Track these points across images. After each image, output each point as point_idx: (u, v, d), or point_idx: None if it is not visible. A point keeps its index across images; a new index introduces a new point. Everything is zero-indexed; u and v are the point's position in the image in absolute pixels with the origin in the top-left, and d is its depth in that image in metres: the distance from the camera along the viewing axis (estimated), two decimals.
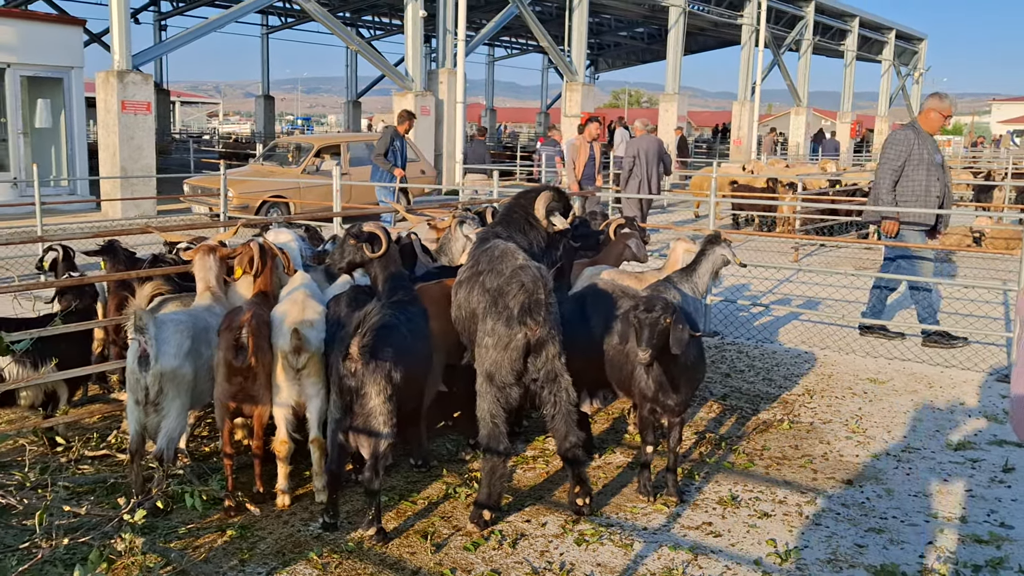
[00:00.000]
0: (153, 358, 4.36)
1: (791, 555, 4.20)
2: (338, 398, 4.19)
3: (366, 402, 4.14)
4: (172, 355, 4.45)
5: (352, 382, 4.12)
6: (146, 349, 4.35)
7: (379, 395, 4.12)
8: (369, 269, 5.02)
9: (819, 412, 6.35)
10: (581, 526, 4.50)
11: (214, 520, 4.50)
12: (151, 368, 4.37)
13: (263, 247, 5.09)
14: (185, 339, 4.54)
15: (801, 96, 39.64)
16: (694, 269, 6.18)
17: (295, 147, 18.45)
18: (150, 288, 5.14)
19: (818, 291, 10.79)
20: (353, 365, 4.09)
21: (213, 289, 5.09)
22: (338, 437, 4.24)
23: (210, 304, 4.98)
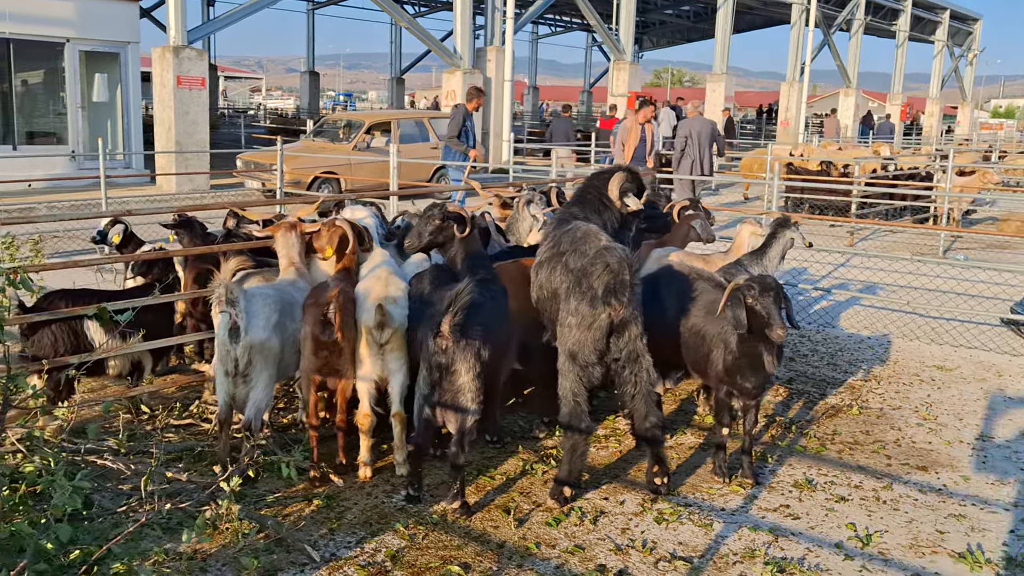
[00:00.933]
0: (243, 330, 4.47)
1: (871, 539, 4.22)
2: (427, 374, 4.28)
3: (456, 379, 4.21)
4: (261, 327, 4.56)
5: (443, 359, 4.20)
6: (237, 322, 4.46)
7: (468, 372, 4.20)
8: (448, 248, 5.09)
9: (887, 398, 6.33)
10: (659, 505, 4.55)
11: (299, 490, 4.62)
12: (241, 340, 4.49)
13: (353, 226, 5.17)
14: (273, 312, 4.65)
15: (851, 77, 38.97)
16: (764, 252, 6.19)
17: (346, 123, 18.58)
18: (235, 263, 5.26)
19: (876, 276, 10.69)
20: (444, 342, 4.16)
21: (297, 265, 5.20)
22: (424, 412, 4.33)
23: (295, 279, 5.09)
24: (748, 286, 4.38)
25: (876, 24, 40.98)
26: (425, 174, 17.56)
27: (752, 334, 4.40)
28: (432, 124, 18.77)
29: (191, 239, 6.24)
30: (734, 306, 4.44)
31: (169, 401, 5.80)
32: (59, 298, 5.13)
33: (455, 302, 4.06)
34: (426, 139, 18.34)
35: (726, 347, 4.63)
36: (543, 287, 4.70)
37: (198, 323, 6.10)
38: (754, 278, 4.46)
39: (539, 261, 4.79)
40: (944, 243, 12.99)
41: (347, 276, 5.05)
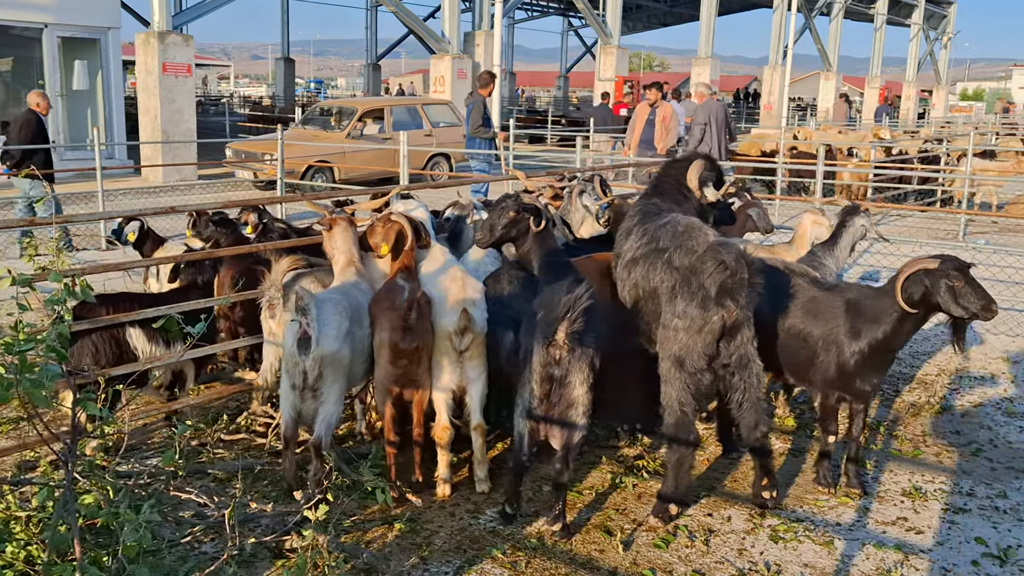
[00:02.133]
0: (315, 341, 4.05)
1: (1008, 555, 3.91)
2: (536, 387, 3.89)
3: (569, 392, 3.85)
4: (333, 337, 4.15)
5: (556, 370, 3.82)
6: (307, 331, 4.04)
7: (583, 384, 3.84)
8: (522, 244, 4.69)
9: (964, 394, 6.04)
10: (769, 520, 4.21)
11: (375, 511, 4.22)
12: (312, 351, 4.07)
13: (410, 221, 4.75)
14: (344, 320, 4.23)
15: (832, 61, 38.89)
16: (835, 242, 5.87)
17: (337, 111, 18.03)
18: (287, 263, 4.82)
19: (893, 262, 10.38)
20: (559, 352, 3.78)
21: (357, 264, 4.77)
22: (526, 426, 3.94)
23: (357, 280, 4.67)
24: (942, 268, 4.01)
25: (855, 7, 40.91)
26: (420, 162, 17.10)
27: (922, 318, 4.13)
28: (425, 111, 18.29)
29: (230, 237, 5.79)
30: (915, 287, 4.07)
31: (207, 411, 5.36)
32: (98, 304, 4.67)
33: (573, 308, 3.67)
34: (419, 126, 17.86)
35: (839, 349, 4.28)
36: (639, 286, 4.32)
37: (235, 327, 5.66)
38: (948, 258, 4.09)
39: (632, 257, 4.40)
40: (962, 227, 12.77)
41: (411, 276, 4.64)
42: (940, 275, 3.97)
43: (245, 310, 5.53)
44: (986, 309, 3.93)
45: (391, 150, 16.24)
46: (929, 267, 4.01)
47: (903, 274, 4.08)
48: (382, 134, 17.36)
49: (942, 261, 4.00)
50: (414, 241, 4.80)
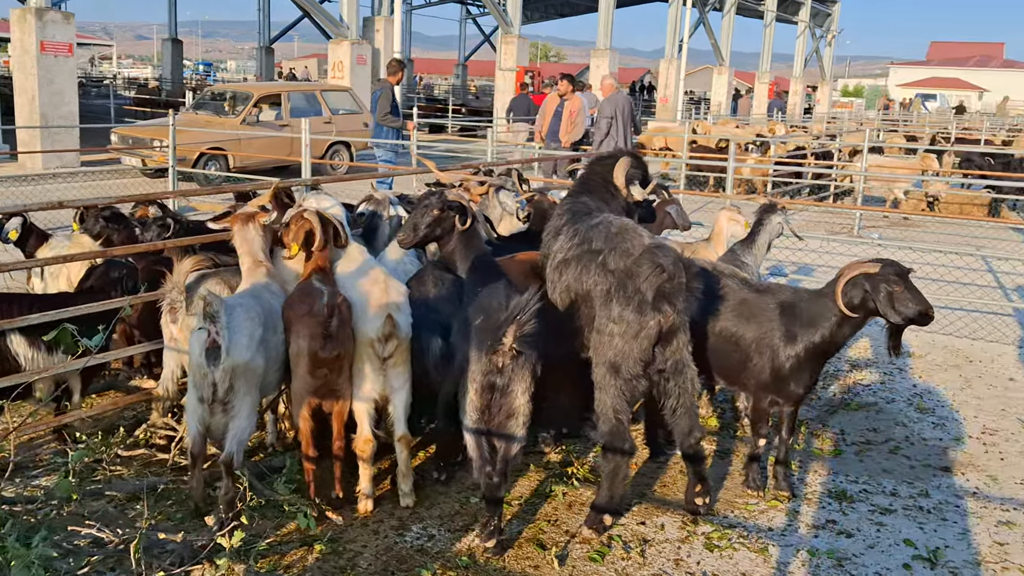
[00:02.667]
0: (225, 350, 3.73)
1: (937, 557, 3.93)
2: (475, 397, 3.68)
3: (510, 401, 3.66)
4: (245, 346, 3.83)
5: (498, 379, 3.61)
6: (216, 340, 3.71)
7: (524, 393, 3.65)
8: (446, 243, 4.48)
9: (876, 390, 6.13)
10: (703, 528, 4.13)
11: (292, 531, 3.94)
12: (222, 362, 3.75)
13: (323, 217, 4.46)
14: (257, 326, 3.93)
15: (724, 56, 39.79)
16: (754, 240, 5.86)
17: (231, 96, 17.29)
18: (190, 263, 4.45)
19: (805, 257, 10.60)
20: (502, 360, 3.58)
21: (266, 264, 4.45)
22: (479, 440, 3.73)
23: (267, 282, 4.35)
24: (882, 273, 3.97)
25: (746, 4, 41.94)
26: (319, 150, 16.58)
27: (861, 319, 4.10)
28: (324, 97, 17.74)
29: (122, 234, 5.36)
30: (854, 291, 4.04)
31: (103, 424, 4.95)
32: None
33: (523, 312, 3.48)
34: (318, 113, 17.29)
35: (773, 352, 4.22)
36: (571, 289, 4.16)
37: (130, 331, 5.24)
38: (881, 260, 4.05)
39: (563, 259, 4.23)
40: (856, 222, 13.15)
41: (327, 278, 4.35)
42: (880, 280, 3.95)
43: (142, 313, 5.13)
44: (923, 315, 3.93)
45: (289, 138, 15.71)
46: (869, 271, 3.98)
47: (843, 277, 4.04)
48: (279, 121, 16.75)
49: (882, 266, 3.98)
50: (329, 240, 4.52)
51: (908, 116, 42.16)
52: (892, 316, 3.96)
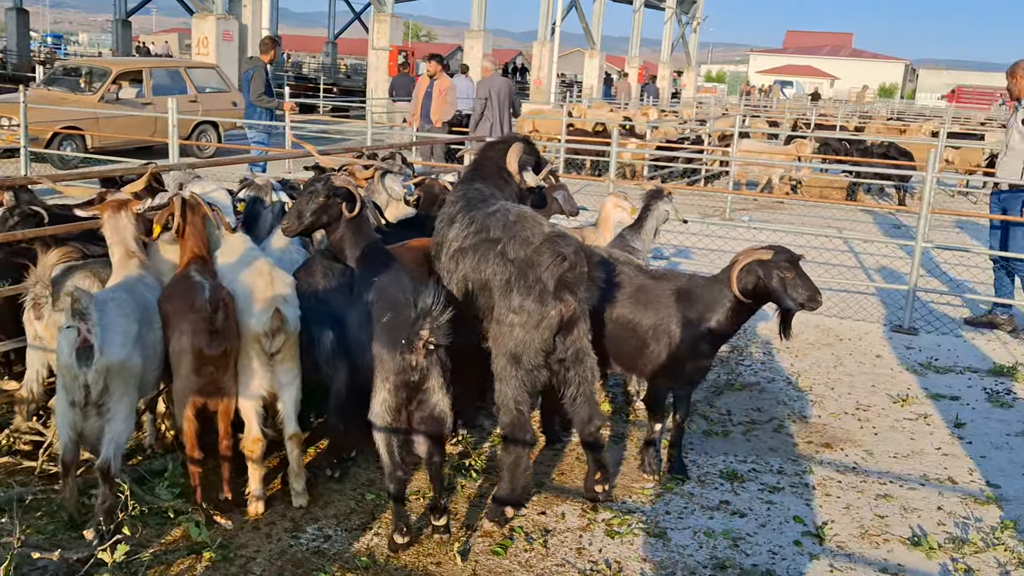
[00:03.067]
0: (97, 350, 3.46)
1: (824, 532, 4.07)
2: (390, 396, 3.54)
3: (428, 397, 3.56)
4: (120, 344, 3.57)
5: (414, 376, 3.50)
6: (87, 339, 3.44)
7: (441, 388, 3.56)
8: (333, 232, 4.29)
9: (757, 370, 6.33)
10: (603, 515, 4.14)
11: (179, 538, 3.72)
12: (94, 362, 3.47)
13: (189, 202, 4.20)
14: (132, 323, 3.67)
15: (595, 40, 40.34)
16: (642, 226, 5.92)
17: (87, 71, 16.28)
18: (56, 255, 4.10)
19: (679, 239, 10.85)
20: (416, 357, 3.46)
21: (138, 254, 4.16)
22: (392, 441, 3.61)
23: (141, 274, 4.07)
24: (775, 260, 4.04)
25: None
26: (184, 131, 15.81)
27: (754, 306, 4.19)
28: (189, 74, 16.93)
29: None
30: (748, 277, 4.09)
31: None
32: None
33: (433, 305, 3.37)
34: (183, 91, 16.50)
35: (669, 338, 4.26)
36: (468, 279, 4.07)
37: None
38: (774, 246, 4.12)
39: (459, 247, 4.13)
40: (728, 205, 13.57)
41: (206, 269, 4.12)
42: (773, 266, 4.03)
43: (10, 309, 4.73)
44: (812, 300, 4.04)
45: (152, 117, 14.92)
46: (763, 258, 4.06)
47: (738, 264, 4.11)
48: (141, 99, 15.90)
49: (775, 252, 4.06)
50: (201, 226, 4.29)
51: (768, 102, 43.96)
52: (785, 301, 4.05)
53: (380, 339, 3.60)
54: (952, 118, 29.93)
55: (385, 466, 3.65)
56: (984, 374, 6.45)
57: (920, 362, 6.64)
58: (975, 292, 8.50)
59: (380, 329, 3.62)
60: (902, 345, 7.06)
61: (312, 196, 4.22)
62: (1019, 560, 3.91)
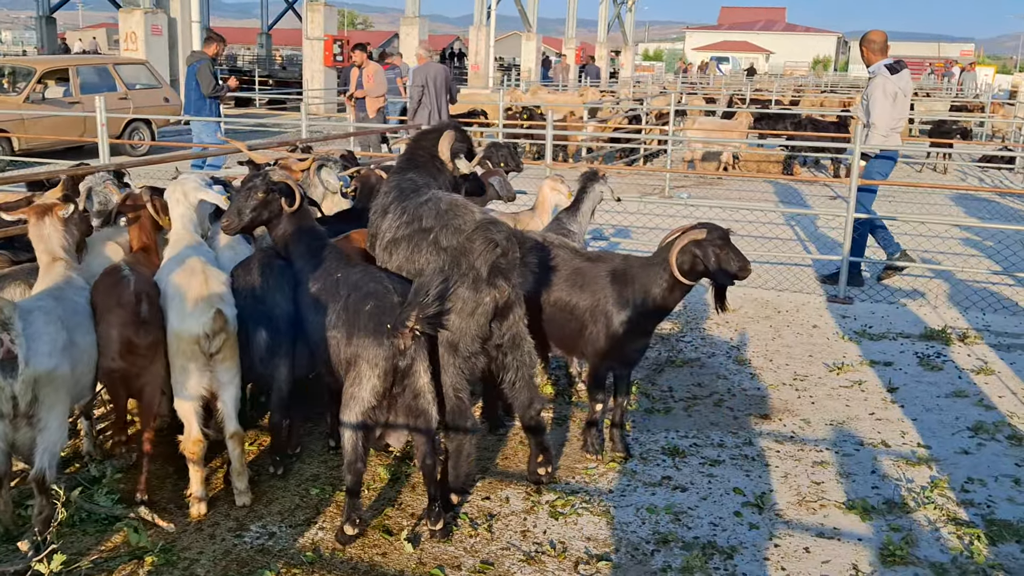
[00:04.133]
0: (23, 360, 3.39)
1: (764, 501, 4.17)
2: (378, 382, 3.57)
3: (415, 381, 3.61)
4: (47, 354, 3.49)
5: (403, 362, 3.55)
6: (11, 349, 3.37)
7: (427, 371, 3.64)
8: (275, 228, 4.25)
9: (698, 346, 6.43)
10: (547, 496, 4.19)
11: (119, 543, 3.67)
12: (20, 374, 3.40)
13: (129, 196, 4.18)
14: (60, 330, 3.59)
15: (532, 22, 40.29)
16: (578, 208, 5.97)
17: (10, 71, 15.84)
18: None
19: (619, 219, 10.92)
20: (405, 342, 3.51)
21: (63, 258, 4.07)
22: (357, 434, 3.63)
23: (69, 278, 3.99)
24: (710, 236, 4.11)
25: None
26: (115, 129, 15.47)
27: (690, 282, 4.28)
28: (118, 71, 16.54)
29: None
30: (684, 256, 4.17)
31: None
32: None
33: (429, 291, 3.41)
34: (112, 88, 16.12)
35: (607, 319, 4.31)
36: (403, 269, 4.06)
37: None
38: (704, 224, 4.18)
39: (392, 238, 4.13)
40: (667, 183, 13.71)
41: (147, 258, 4.12)
42: (708, 244, 4.10)
43: None
44: (743, 270, 4.15)
45: (80, 116, 14.57)
46: (698, 237, 4.12)
47: (676, 246, 4.16)
48: (68, 98, 15.52)
49: (708, 231, 4.13)
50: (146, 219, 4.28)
51: (705, 79, 44.37)
52: (720, 277, 4.14)
53: (363, 328, 3.62)
54: None
55: (347, 456, 3.66)
56: (916, 339, 6.63)
57: (855, 330, 6.81)
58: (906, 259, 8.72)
59: (363, 318, 3.63)
60: (838, 314, 7.23)
61: (250, 192, 4.16)
62: (948, 517, 4.06)
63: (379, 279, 3.84)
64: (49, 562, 3.05)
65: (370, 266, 4.10)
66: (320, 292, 3.97)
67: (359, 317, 3.65)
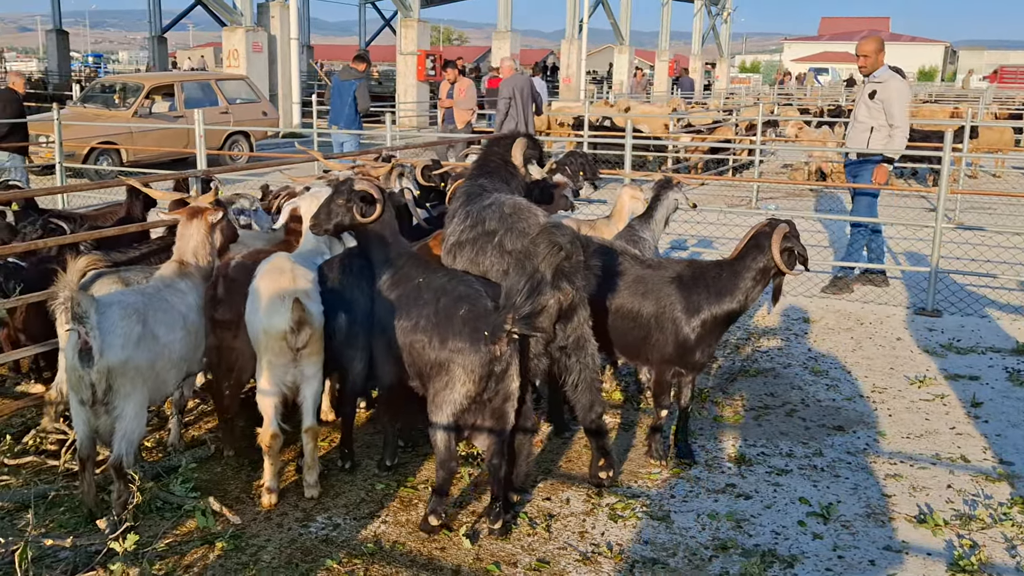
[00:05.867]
0: (97, 351, 3.62)
1: (830, 512, 4.08)
2: (472, 388, 3.64)
3: (508, 384, 3.69)
4: (119, 346, 3.71)
5: (498, 367, 3.62)
6: (88, 341, 3.60)
7: (518, 376, 3.70)
8: (360, 232, 4.30)
9: (774, 356, 6.32)
10: (607, 499, 4.20)
11: (191, 530, 3.85)
12: (95, 363, 3.63)
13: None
14: (135, 325, 3.81)
15: (624, 35, 40.24)
16: (651, 215, 5.96)
17: (121, 87, 16.69)
18: (85, 262, 4.27)
19: (704, 230, 10.83)
20: (501, 347, 3.57)
21: (188, 262, 4.37)
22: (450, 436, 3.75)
23: (175, 280, 4.27)
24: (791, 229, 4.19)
25: None
26: (216, 141, 16.14)
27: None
28: (220, 87, 17.25)
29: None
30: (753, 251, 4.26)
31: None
32: None
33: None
34: (214, 103, 16.83)
35: (675, 325, 4.31)
36: (468, 271, 4.14)
37: (15, 334, 5.04)
38: (774, 220, 4.21)
39: (456, 242, 4.21)
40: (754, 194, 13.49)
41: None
42: (793, 236, 4.15)
43: (29, 315, 4.93)
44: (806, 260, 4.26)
45: (184, 129, 15.24)
46: (786, 231, 4.16)
47: (776, 240, 4.19)
48: (173, 112, 16.26)
49: (783, 224, 4.17)
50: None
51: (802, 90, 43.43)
52: (804, 266, 4.27)
53: (458, 333, 3.66)
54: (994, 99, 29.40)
55: (440, 455, 3.77)
56: (1007, 353, 6.37)
57: (941, 343, 6.58)
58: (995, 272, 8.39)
59: (457, 323, 3.68)
60: (924, 327, 7.00)
61: (335, 198, 4.27)
62: None
63: (468, 282, 3.88)
64: (124, 541, 3.22)
65: (454, 270, 4.13)
66: (401, 296, 4.01)
67: (452, 321, 3.69)
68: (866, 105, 7.81)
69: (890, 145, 7.71)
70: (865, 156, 7.87)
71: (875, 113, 7.76)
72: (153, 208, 7.25)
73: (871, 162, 7.87)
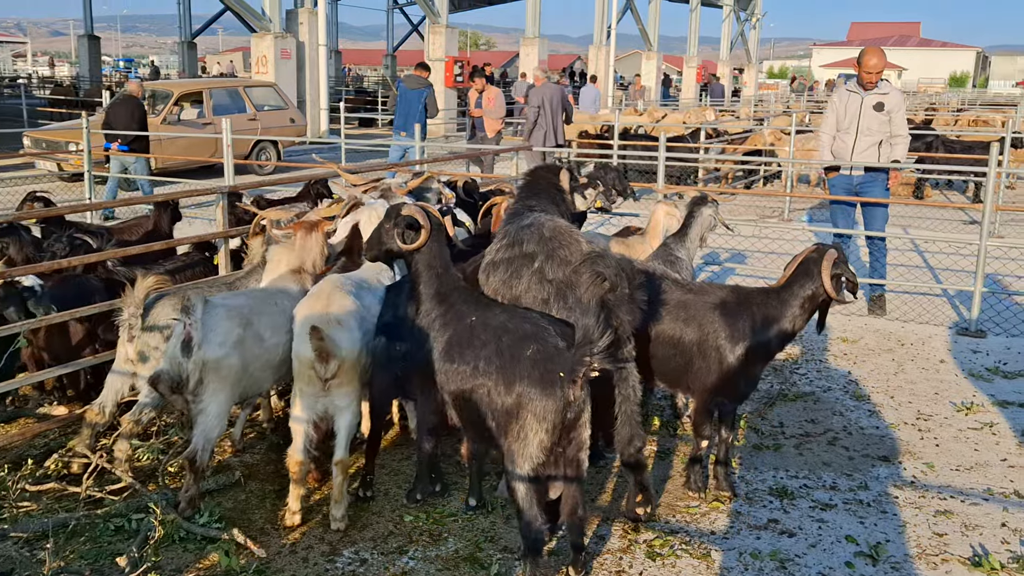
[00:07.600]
0: (197, 344, 3.76)
1: (879, 552, 3.89)
2: (545, 437, 3.32)
3: (581, 432, 3.43)
4: (218, 343, 3.83)
5: (571, 414, 3.34)
6: (190, 332, 3.76)
7: (588, 422, 3.43)
8: (409, 259, 4.02)
9: (812, 379, 6.13)
10: (644, 535, 4.03)
11: (215, 563, 3.72)
12: (193, 355, 3.77)
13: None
14: (235, 326, 3.90)
15: (652, 41, 40.00)
16: (686, 233, 5.77)
17: (151, 94, 16.70)
18: (152, 281, 4.21)
19: (736, 243, 10.59)
20: (574, 392, 3.28)
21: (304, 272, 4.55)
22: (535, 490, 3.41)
23: (289, 287, 4.40)
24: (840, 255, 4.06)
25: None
26: (243, 149, 16.14)
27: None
28: (248, 93, 17.25)
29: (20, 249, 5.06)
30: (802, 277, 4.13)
31: (8, 454, 4.65)
32: None
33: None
34: (242, 110, 16.84)
35: (719, 353, 4.14)
36: (499, 293, 3.98)
37: (38, 354, 4.96)
38: (822, 246, 4.08)
39: (491, 261, 4.06)
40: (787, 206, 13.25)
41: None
42: (842, 262, 4.01)
43: (53, 334, 4.85)
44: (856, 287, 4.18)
45: (212, 137, 15.24)
46: (835, 257, 4.02)
47: (826, 268, 4.05)
48: (201, 119, 16.27)
49: (831, 251, 4.03)
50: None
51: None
52: (853, 293, 4.13)
53: (527, 376, 3.33)
54: None
55: (526, 516, 3.38)
56: None
57: (987, 367, 6.35)
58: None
59: (524, 364, 3.36)
60: (968, 349, 6.77)
61: (383, 222, 4.07)
62: None
63: (531, 319, 3.57)
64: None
65: (511, 306, 3.84)
66: (452, 337, 3.70)
67: (518, 363, 3.36)
68: (872, 118, 7.57)
69: (895, 154, 7.62)
70: (873, 169, 7.67)
71: (883, 125, 7.59)
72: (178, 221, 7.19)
73: (882, 174, 7.70)
